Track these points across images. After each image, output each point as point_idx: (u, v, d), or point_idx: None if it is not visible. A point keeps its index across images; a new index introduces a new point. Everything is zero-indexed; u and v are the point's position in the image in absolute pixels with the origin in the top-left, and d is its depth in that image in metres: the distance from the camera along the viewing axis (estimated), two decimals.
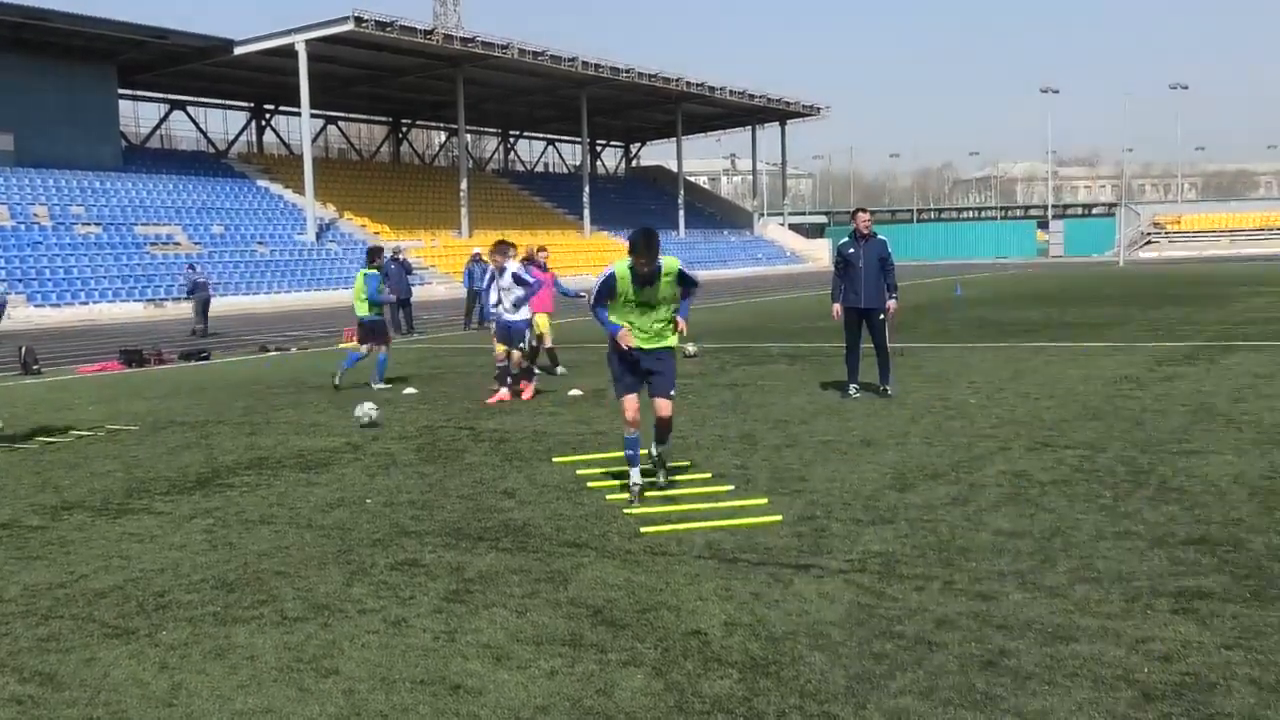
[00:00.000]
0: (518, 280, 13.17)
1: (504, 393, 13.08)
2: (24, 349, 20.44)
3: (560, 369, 15.52)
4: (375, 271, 15.08)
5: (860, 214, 12.10)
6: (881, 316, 11.96)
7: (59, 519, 7.60)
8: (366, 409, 11.32)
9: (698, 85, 72.05)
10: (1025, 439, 9.18)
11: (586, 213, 70.91)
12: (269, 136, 69.74)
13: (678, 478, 8.06)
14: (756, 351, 18.02)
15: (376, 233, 57.79)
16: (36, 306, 39.25)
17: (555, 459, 9.10)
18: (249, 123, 69.19)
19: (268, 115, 69.30)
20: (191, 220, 51.21)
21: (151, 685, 4.47)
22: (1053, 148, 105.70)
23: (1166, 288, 35.00)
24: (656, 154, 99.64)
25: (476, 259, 14.86)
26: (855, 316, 12.03)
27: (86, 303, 40.97)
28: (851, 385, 12.11)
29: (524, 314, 13.35)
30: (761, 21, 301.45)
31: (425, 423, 11.45)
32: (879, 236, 12.05)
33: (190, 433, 11.44)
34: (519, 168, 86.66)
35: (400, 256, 29.16)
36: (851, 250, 11.94)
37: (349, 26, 51.14)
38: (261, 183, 59.68)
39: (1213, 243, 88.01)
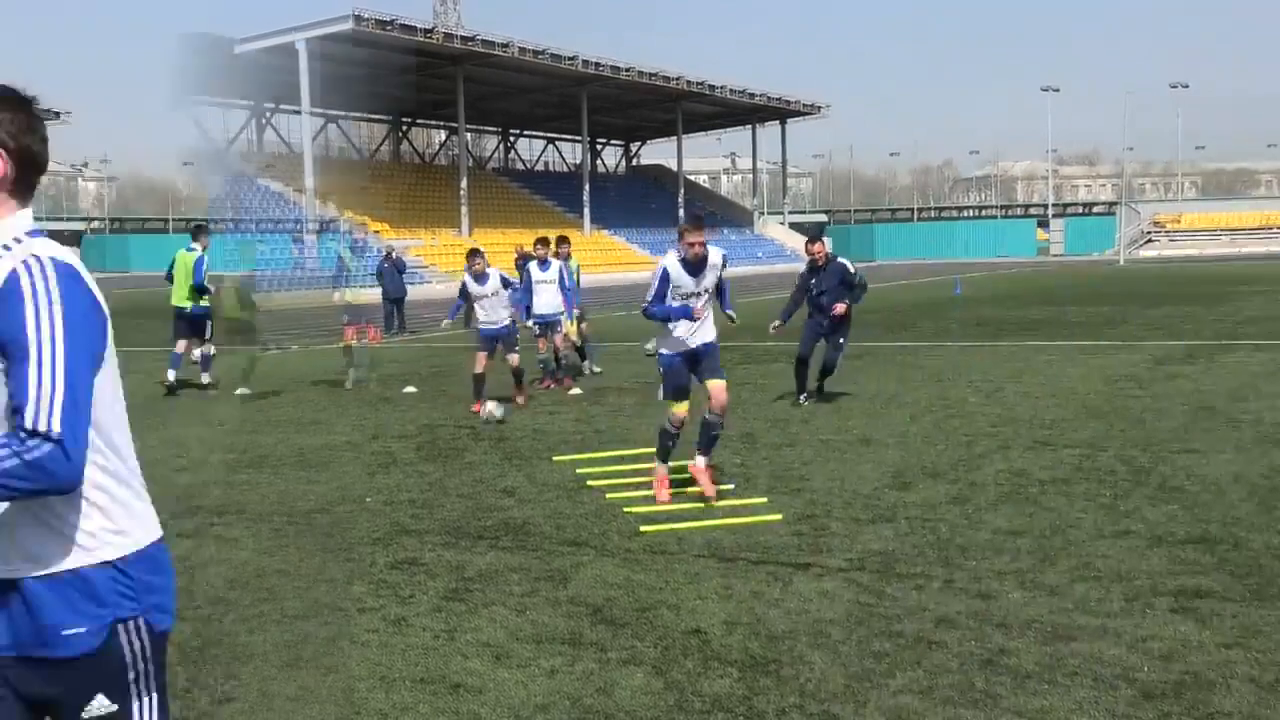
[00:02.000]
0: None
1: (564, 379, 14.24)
2: None
3: (593, 366, 15.51)
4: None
5: (812, 245, 11.96)
6: (833, 315, 11.70)
7: None
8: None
9: (698, 84, 71.98)
10: (1025, 438, 9.18)
11: (587, 211, 70.85)
12: (269, 135, 69.78)
13: (677, 475, 8.04)
14: (757, 350, 17.99)
15: (377, 231, 57.80)
16: None
17: (555, 458, 9.10)
18: (249, 121, 69.18)
19: (268, 114, 69.29)
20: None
21: None
22: (1053, 146, 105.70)
23: (1166, 286, 34.97)
24: (657, 153, 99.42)
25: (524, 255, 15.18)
26: (817, 333, 11.88)
27: None
28: (801, 395, 11.70)
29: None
30: (762, 20, 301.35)
31: (425, 421, 11.44)
32: (837, 260, 11.87)
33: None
34: (519, 166, 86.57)
35: (394, 255, 29.19)
36: (814, 281, 11.85)
37: (349, 25, 51.11)
38: (262, 181, 59.65)
39: (1213, 241, 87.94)
